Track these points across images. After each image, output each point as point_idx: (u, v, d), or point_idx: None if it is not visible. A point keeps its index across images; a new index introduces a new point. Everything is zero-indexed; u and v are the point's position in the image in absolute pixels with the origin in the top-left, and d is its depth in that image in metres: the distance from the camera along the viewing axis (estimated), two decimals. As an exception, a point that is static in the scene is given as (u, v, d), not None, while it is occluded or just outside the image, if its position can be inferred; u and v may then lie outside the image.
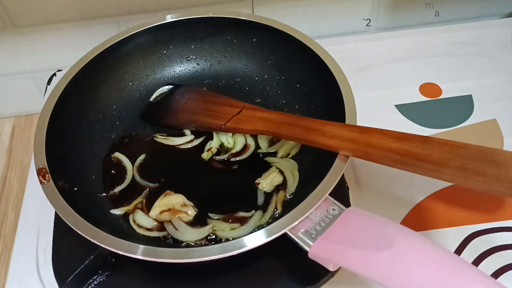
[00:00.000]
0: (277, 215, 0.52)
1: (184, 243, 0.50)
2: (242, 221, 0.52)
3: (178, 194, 0.53)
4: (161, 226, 0.52)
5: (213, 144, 0.58)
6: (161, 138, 0.60)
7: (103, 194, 0.55)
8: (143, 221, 0.52)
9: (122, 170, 0.57)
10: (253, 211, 0.52)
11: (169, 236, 0.51)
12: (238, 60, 0.66)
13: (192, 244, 0.50)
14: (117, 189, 0.55)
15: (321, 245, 0.42)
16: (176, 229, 0.51)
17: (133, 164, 0.58)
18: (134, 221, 0.52)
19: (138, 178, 0.56)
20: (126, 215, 0.53)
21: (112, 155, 0.58)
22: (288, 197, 0.53)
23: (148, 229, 0.52)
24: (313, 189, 0.45)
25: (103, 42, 0.60)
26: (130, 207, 0.54)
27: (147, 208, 0.53)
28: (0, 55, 0.71)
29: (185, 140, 0.59)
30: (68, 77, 0.57)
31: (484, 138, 0.62)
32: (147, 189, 0.55)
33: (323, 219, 0.44)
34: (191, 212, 0.52)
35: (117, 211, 0.53)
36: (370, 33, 0.80)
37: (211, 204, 0.53)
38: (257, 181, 0.54)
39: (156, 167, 0.57)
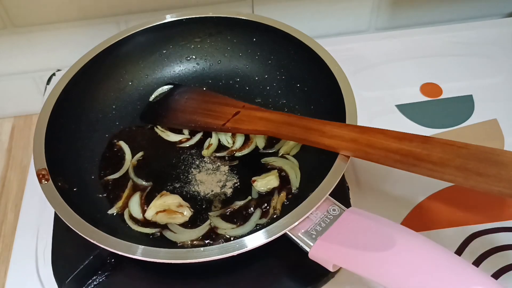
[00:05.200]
0: (275, 216, 0.52)
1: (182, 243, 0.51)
2: (240, 212, 0.52)
3: (174, 194, 0.53)
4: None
5: (212, 141, 0.59)
6: (159, 130, 0.60)
7: (99, 194, 0.55)
8: (136, 211, 0.53)
9: (120, 159, 0.58)
10: (250, 197, 0.53)
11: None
12: (238, 60, 0.65)
13: (189, 243, 0.50)
14: (111, 177, 0.56)
15: (321, 245, 0.42)
16: (173, 232, 0.51)
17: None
18: (129, 216, 0.53)
19: (132, 175, 0.56)
20: (122, 215, 0.53)
21: (116, 143, 0.59)
22: (293, 192, 0.54)
23: (143, 225, 0.52)
24: (314, 189, 0.45)
25: (103, 41, 0.60)
26: (123, 199, 0.54)
27: (143, 206, 0.53)
28: (0, 55, 0.71)
29: (179, 138, 0.60)
30: (67, 77, 0.56)
31: (485, 138, 0.62)
32: (139, 183, 0.56)
33: (323, 219, 0.44)
34: (187, 212, 0.52)
35: (112, 210, 0.53)
36: (370, 33, 0.80)
37: (209, 203, 0.54)
38: (253, 178, 0.54)
39: (153, 166, 0.57)
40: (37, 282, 0.53)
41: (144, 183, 0.56)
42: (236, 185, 0.55)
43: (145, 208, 0.53)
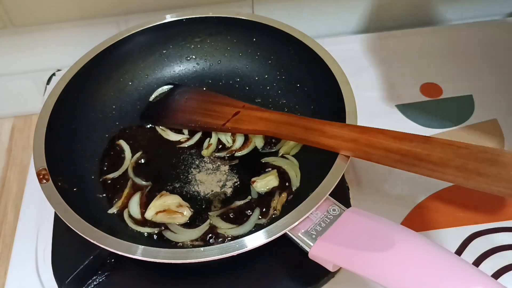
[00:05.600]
0: (275, 216, 0.52)
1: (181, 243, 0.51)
2: (240, 212, 0.52)
3: (173, 194, 0.53)
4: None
5: (212, 141, 0.59)
6: (160, 129, 0.61)
7: (99, 194, 0.55)
8: (135, 210, 0.53)
9: (120, 158, 0.58)
10: (249, 197, 0.53)
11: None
12: (238, 60, 0.65)
13: (188, 243, 0.50)
14: (111, 176, 0.56)
15: (321, 245, 0.42)
16: (173, 232, 0.51)
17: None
18: (128, 216, 0.53)
19: (132, 175, 0.56)
20: (121, 214, 0.53)
21: (116, 141, 0.59)
22: (293, 191, 0.54)
23: (142, 225, 0.52)
24: (314, 189, 0.45)
25: (103, 42, 0.60)
26: (123, 199, 0.54)
27: (143, 206, 0.53)
28: (0, 55, 0.71)
29: (179, 138, 0.60)
30: (67, 77, 0.56)
31: (485, 138, 0.62)
32: (138, 183, 0.56)
33: (323, 219, 0.44)
34: (187, 212, 0.52)
35: (112, 210, 0.53)
36: (370, 33, 0.80)
37: (208, 203, 0.54)
38: (253, 179, 0.54)
39: (153, 166, 0.58)
40: (37, 282, 0.52)
41: (143, 182, 0.56)
42: (236, 184, 0.55)
43: (145, 208, 0.53)
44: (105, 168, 0.57)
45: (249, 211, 0.52)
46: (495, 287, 0.36)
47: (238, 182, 0.55)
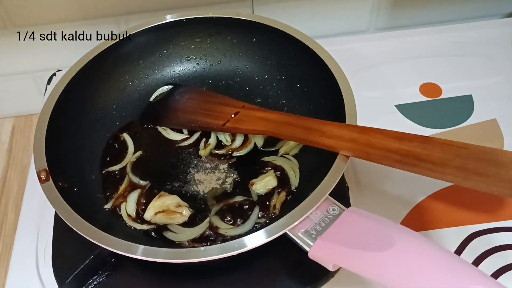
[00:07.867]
0: (275, 216, 0.52)
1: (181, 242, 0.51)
2: (239, 212, 0.52)
3: (172, 194, 0.53)
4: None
5: (210, 141, 0.59)
6: (161, 128, 0.61)
7: (100, 194, 0.55)
8: (132, 208, 0.53)
9: (121, 156, 0.58)
10: (250, 197, 0.53)
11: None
12: (238, 60, 0.65)
13: (188, 243, 0.50)
14: (111, 169, 0.56)
15: (321, 245, 0.42)
16: (173, 231, 0.51)
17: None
18: (126, 213, 0.53)
19: (130, 174, 0.56)
20: (118, 211, 0.53)
21: (120, 135, 0.60)
22: (293, 190, 0.54)
23: (139, 222, 0.52)
24: (313, 189, 0.45)
25: (103, 42, 0.60)
26: (119, 194, 0.54)
27: (140, 205, 0.54)
28: (0, 55, 0.71)
29: (179, 137, 0.60)
30: (68, 77, 0.57)
31: (484, 138, 0.62)
32: (135, 182, 0.56)
33: (323, 219, 0.44)
34: (186, 212, 0.52)
35: (108, 205, 0.54)
36: (370, 33, 0.80)
37: (207, 202, 0.54)
38: (251, 181, 0.54)
39: (151, 165, 0.58)
40: (37, 282, 0.53)
41: (140, 182, 0.56)
42: (236, 180, 0.55)
43: (142, 207, 0.53)
44: (105, 165, 0.57)
45: (248, 211, 0.52)
46: (495, 286, 0.36)
47: (238, 178, 0.55)
